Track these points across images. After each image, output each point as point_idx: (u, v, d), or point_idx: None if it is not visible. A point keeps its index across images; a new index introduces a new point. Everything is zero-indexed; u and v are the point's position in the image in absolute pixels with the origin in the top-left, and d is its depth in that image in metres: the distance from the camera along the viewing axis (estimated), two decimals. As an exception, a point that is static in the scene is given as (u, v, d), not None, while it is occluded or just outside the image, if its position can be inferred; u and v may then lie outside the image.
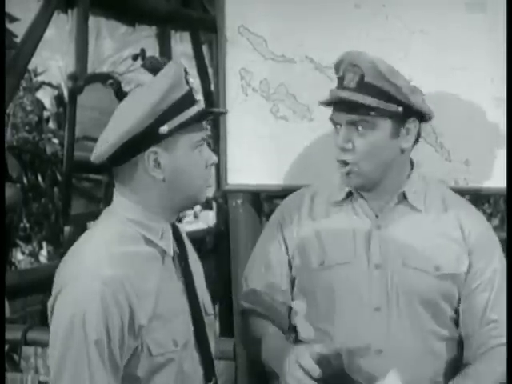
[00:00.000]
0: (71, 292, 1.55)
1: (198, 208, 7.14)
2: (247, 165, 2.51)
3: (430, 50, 2.38)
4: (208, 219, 7.17)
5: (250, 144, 2.50)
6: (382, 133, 1.85)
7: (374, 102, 1.81)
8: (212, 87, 6.66)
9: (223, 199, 5.94)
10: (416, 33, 2.39)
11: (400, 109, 1.84)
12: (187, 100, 1.63)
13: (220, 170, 2.57)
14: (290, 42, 2.47)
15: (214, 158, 1.70)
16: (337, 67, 1.91)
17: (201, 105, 1.66)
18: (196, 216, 7.12)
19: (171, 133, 1.61)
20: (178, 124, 1.61)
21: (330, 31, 2.46)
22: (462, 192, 2.20)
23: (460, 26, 2.36)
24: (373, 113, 1.82)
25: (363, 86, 1.81)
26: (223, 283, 3.34)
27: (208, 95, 6.65)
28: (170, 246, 1.67)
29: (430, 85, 2.38)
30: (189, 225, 6.61)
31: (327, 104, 1.90)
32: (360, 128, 1.83)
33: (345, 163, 1.86)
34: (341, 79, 1.88)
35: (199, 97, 1.68)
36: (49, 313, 1.62)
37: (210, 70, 6.81)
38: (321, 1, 2.47)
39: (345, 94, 1.83)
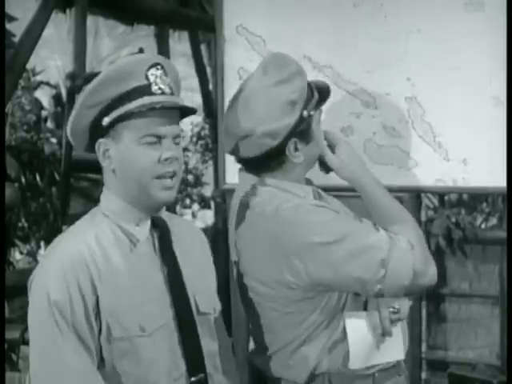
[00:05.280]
0: (40, 272, 1.64)
1: (196, 207, 7.14)
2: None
3: (428, 49, 2.38)
4: (206, 218, 7.17)
5: (248, 143, 2.50)
6: None
7: None
8: (210, 86, 6.67)
9: (221, 198, 5.94)
10: (414, 32, 2.39)
11: None
12: (136, 93, 1.63)
13: (218, 169, 2.57)
14: (287, 42, 2.47)
15: (168, 154, 1.64)
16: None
17: (152, 98, 1.63)
18: (194, 215, 7.12)
19: (112, 124, 1.64)
20: (117, 116, 1.63)
21: (328, 30, 2.46)
22: (460, 191, 2.21)
23: (458, 25, 2.36)
24: None
25: None
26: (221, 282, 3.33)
27: (206, 94, 6.66)
28: (143, 233, 1.69)
29: (428, 84, 2.39)
30: (187, 224, 6.59)
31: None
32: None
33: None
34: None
35: (161, 90, 1.65)
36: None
37: (209, 70, 6.82)
38: (319, 0, 2.47)
39: None
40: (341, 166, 1.94)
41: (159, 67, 1.66)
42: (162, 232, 1.72)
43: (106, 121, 1.64)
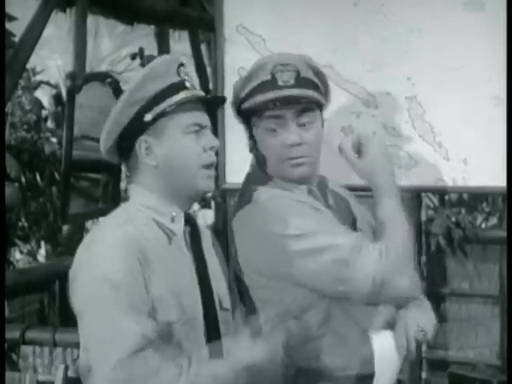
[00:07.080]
0: (87, 262, 1.63)
1: (196, 207, 7.14)
2: (245, 164, 2.51)
3: (428, 48, 2.38)
4: (206, 218, 7.17)
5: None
6: (319, 123, 1.93)
7: (315, 95, 1.89)
8: (210, 86, 6.67)
9: (222, 198, 5.94)
10: (414, 31, 2.39)
11: (327, 99, 1.95)
12: (174, 89, 1.70)
13: (218, 168, 2.57)
14: (288, 41, 2.47)
15: (213, 142, 1.73)
16: (261, 71, 1.92)
17: (189, 92, 1.71)
18: (194, 215, 7.12)
19: (155, 120, 1.69)
20: (160, 111, 1.68)
21: (328, 30, 2.46)
22: (460, 191, 2.21)
23: (458, 24, 2.36)
24: (314, 105, 1.89)
25: (301, 81, 1.88)
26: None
27: (206, 94, 6.65)
28: (179, 229, 1.73)
29: (428, 83, 2.39)
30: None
31: (271, 104, 1.89)
32: (306, 121, 1.88)
33: (295, 158, 1.89)
34: (272, 80, 1.89)
35: (193, 86, 1.74)
36: (70, 280, 1.66)
37: (209, 69, 6.81)
38: (319, 0, 2.47)
39: (289, 92, 1.87)
40: (360, 167, 1.94)
41: (184, 66, 1.75)
42: (192, 228, 1.78)
43: (148, 117, 1.69)
